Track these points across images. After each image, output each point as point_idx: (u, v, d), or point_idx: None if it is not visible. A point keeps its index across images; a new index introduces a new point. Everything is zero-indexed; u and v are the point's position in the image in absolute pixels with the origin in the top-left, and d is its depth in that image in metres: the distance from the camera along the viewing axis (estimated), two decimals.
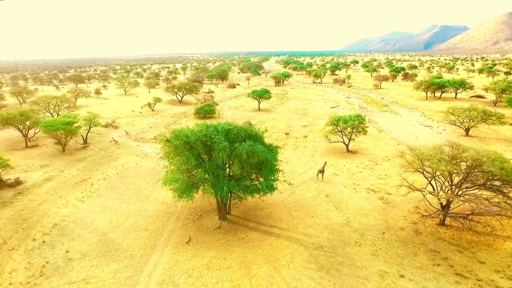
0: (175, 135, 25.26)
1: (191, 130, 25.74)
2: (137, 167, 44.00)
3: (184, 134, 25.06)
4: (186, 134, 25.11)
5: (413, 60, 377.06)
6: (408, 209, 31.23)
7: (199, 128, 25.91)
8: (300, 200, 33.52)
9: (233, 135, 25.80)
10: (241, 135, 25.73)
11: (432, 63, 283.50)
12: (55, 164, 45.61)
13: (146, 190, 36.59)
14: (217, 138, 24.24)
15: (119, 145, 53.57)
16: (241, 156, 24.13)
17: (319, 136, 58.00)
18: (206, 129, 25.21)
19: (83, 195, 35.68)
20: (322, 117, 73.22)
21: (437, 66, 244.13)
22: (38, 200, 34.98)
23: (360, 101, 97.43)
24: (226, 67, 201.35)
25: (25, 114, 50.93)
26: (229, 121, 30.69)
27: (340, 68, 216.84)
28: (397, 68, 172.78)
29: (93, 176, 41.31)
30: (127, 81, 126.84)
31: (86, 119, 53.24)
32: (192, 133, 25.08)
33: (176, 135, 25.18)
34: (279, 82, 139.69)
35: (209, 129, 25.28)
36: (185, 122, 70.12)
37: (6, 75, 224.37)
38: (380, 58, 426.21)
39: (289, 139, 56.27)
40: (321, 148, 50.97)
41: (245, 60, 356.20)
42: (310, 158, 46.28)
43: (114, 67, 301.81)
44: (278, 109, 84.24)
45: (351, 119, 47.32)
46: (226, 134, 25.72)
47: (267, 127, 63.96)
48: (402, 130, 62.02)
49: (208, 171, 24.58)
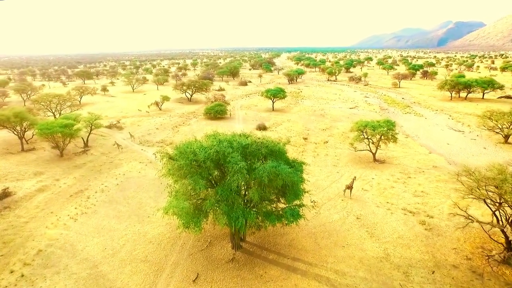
0: (179, 151, 20.43)
1: (200, 145, 20.86)
2: (139, 176, 39.42)
3: (190, 151, 20.23)
4: (193, 150, 20.25)
5: (428, 57, 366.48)
6: (458, 238, 25.99)
7: (210, 142, 21.06)
8: (327, 224, 28.51)
9: (252, 152, 20.87)
10: (261, 152, 20.77)
11: (448, 60, 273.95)
12: (51, 171, 41.33)
13: (148, 207, 31.96)
14: (231, 157, 19.36)
15: (122, 149, 49.12)
16: (261, 179, 19.22)
17: (341, 141, 52.77)
18: (218, 144, 20.30)
19: (76, 212, 31.22)
20: (341, 119, 67.87)
21: (455, 63, 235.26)
22: (26, 216, 30.64)
23: (379, 101, 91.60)
24: (237, 64, 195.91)
25: (20, 115, 46.72)
26: (245, 132, 25.78)
27: (355, 65, 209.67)
28: (415, 66, 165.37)
29: (90, 187, 36.86)
30: (135, 77, 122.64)
31: (87, 121, 48.85)
32: (201, 149, 20.22)
33: (181, 151, 20.34)
34: (292, 80, 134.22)
35: (222, 144, 20.38)
36: (194, 123, 65.52)
37: (16, 71, 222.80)
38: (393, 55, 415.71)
39: (307, 144, 51.13)
40: (344, 156, 45.77)
41: (256, 56, 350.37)
42: (333, 169, 41.14)
43: (124, 63, 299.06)
44: (293, 109, 78.99)
45: (380, 125, 41.98)
46: (243, 150, 20.82)
47: (283, 130, 58.88)
48: (431, 135, 56.37)
49: (220, 197, 19.70)
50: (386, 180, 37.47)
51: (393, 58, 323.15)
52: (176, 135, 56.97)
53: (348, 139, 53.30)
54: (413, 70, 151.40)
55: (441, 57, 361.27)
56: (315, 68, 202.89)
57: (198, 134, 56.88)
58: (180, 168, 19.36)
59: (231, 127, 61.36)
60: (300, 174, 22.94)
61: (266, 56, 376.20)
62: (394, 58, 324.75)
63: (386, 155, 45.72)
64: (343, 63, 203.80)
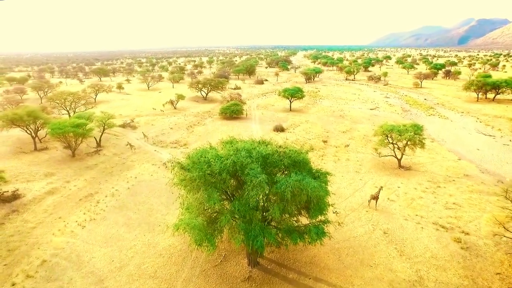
0: (192, 161, 18.40)
1: (215, 154, 18.78)
2: (151, 180, 37.79)
3: (204, 160, 18.19)
4: (207, 160, 18.21)
5: (449, 56, 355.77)
6: (501, 261, 23.23)
7: (226, 150, 18.99)
8: (351, 239, 26.14)
9: (273, 162, 18.71)
10: (283, 163, 18.58)
11: (471, 59, 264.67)
12: (62, 172, 40.16)
13: (159, 214, 30.22)
14: (250, 169, 17.27)
15: (134, 150, 47.71)
16: (283, 194, 17.07)
17: (362, 145, 50.05)
18: (236, 154, 18.21)
19: (85, 217, 29.74)
20: (361, 121, 64.95)
21: (478, 62, 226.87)
22: (33, 221, 29.35)
23: (401, 102, 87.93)
24: (253, 62, 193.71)
25: (33, 114, 45.83)
26: (265, 138, 23.61)
27: (373, 64, 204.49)
28: (437, 65, 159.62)
29: (101, 190, 35.42)
30: (150, 75, 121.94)
31: (100, 120, 47.60)
32: (216, 159, 18.17)
33: (194, 161, 18.32)
34: (310, 79, 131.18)
35: (239, 154, 18.28)
36: (209, 123, 63.74)
37: (36, 68, 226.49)
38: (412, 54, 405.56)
39: (327, 148, 48.63)
40: (366, 162, 43.12)
41: (272, 54, 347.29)
42: (356, 176, 38.60)
43: (140, 60, 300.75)
44: (311, 109, 76.36)
45: (407, 130, 39.16)
46: (263, 161, 18.68)
47: (302, 132, 56.48)
48: (459, 140, 53.01)
49: (238, 213, 17.64)
50: (413, 190, 34.74)
51: (412, 57, 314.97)
52: (190, 136, 55.31)
53: (370, 143, 50.63)
54: (434, 69, 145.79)
55: (462, 56, 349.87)
56: (332, 66, 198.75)
57: (213, 135, 55.16)
58: (193, 180, 17.37)
59: (247, 128, 59.36)
60: (325, 187, 20.68)
61: (282, 54, 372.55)
62: (414, 57, 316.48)
63: (411, 161, 42.86)
64: (362, 62, 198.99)
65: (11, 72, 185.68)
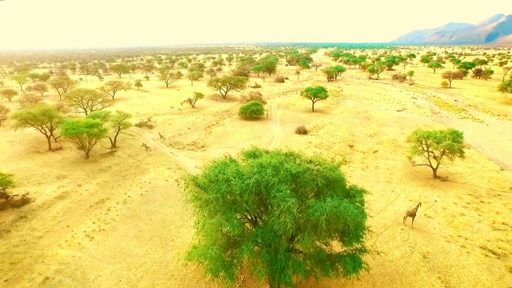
0: (209, 179, 15.74)
1: (235, 169, 16.04)
2: (166, 186, 35.54)
3: (223, 178, 15.49)
4: (226, 177, 15.51)
5: (476, 54, 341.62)
6: None
7: (249, 166, 16.24)
8: (387, 263, 22.99)
9: (304, 182, 15.83)
10: (316, 183, 15.67)
11: (501, 57, 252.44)
12: (74, 174, 38.46)
13: (173, 226, 27.85)
14: (277, 191, 14.49)
15: (150, 152, 45.71)
16: (317, 222, 14.23)
17: (391, 150, 46.44)
18: (260, 171, 15.43)
19: (94, 227, 27.69)
20: (389, 124, 61.04)
21: (510, 61, 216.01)
22: (41, 229, 27.53)
23: (429, 103, 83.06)
24: (273, 59, 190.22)
25: (48, 114, 44.44)
26: (292, 150, 20.66)
27: (397, 62, 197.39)
28: (467, 64, 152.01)
29: (112, 196, 33.40)
30: (169, 72, 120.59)
31: (115, 120, 45.78)
32: (237, 176, 15.45)
33: (211, 179, 15.65)
34: (332, 77, 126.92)
35: (265, 171, 15.49)
36: (228, 123, 61.22)
37: (59, 64, 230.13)
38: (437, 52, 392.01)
39: (354, 153, 45.26)
40: (397, 170, 39.60)
41: (293, 52, 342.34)
42: (387, 186, 35.22)
43: (160, 57, 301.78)
44: (334, 110, 72.78)
45: (445, 137, 35.40)
46: (293, 179, 15.85)
47: (325, 134, 53.21)
48: (498, 147, 48.60)
49: (261, 242, 14.91)
50: (453, 205, 31.14)
51: (437, 55, 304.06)
52: (208, 137, 52.95)
53: (400, 148, 47.02)
54: (464, 68, 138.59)
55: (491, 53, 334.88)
56: (354, 65, 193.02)
57: (232, 136, 52.66)
58: (209, 202, 14.73)
59: (268, 130, 56.53)
60: (362, 208, 17.71)
61: (303, 51, 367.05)
62: (439, 55, 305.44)
63: (447, 171, 39.07)
64: (385, 60, 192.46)
65: (35, 69, 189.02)
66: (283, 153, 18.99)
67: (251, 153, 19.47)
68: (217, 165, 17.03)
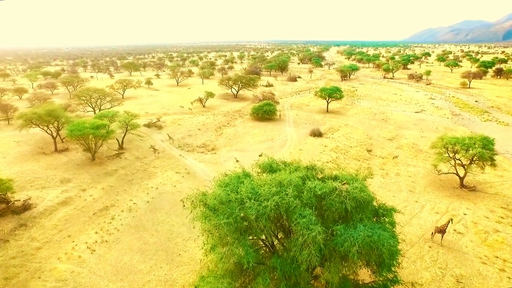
0: (219, 200, 13.57)
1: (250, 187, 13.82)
2: (174, 192, 33.58)
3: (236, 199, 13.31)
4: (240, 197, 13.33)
5: (494, 52, 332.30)
6: None
7: (267, 185, 13.95)
8: (417, 286, 20.56)
9: (331, 205, 13.53)
10: (345, 206, 13.36)
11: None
12: (79, 178, 36.83)
13: (180, 238, 25.85)
14: (300, 216, 12.27)
15: (158, 154, 43.91)
16: (346, 253, 11.97)
17: (412, 155, 43.70)
18: (279, 191, 13.20)
19: (96, 238, 25.88)
20: (407, 126, 58.09)
21: None
22: (40, 239, 25.85)
23: (449, 104, 79.55)
24: (285, 57, 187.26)
25: (53, 114, 42.92)
26: (314, 163, 18.29)
27: (412, 61, 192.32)
28: (486, 63, 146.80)
29: (117, 202, 31.61)
30: (180, 71, 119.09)
31: (122, 121, 44.08)
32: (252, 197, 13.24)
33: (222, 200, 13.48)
34: (345, 76, 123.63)
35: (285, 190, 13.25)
36: (240, 124, 59.09)
37: (71, 62, 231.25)
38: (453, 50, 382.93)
39: (372, 158, 42.67)
40: (420, 178, 36.92)
41: (305, 50, 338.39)
42: (410, 196, 32.63)
43: (171, 55, 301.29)
44: (349, 111, 70.02)
45: (474, 144, 32.58)
46: (317, 201, 13.59)
47: (342, 137, 50.66)
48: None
49: (280, 272, 12.70)
50: (484, 219, 28.44)
51: (453, 53, 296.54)
52: (219, 139, 50.93)
53: (421, 154, 44.28)
54: (483, 67, 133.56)
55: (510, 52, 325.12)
56: (368, 63, 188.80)
57: (243, 138, 50.56)
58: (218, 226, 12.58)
59: (281, 131, 54.21)
60: (392, 231, 15.38)
61: (315, 49, 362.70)
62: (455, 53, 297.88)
63: (475, 179, 36.24)
64: (400, 59, 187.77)
65: (48, 66, 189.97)
66: (303, 167, 16.72)
67: (267, 165, 17.25)
68: (229, 181, 14.84)
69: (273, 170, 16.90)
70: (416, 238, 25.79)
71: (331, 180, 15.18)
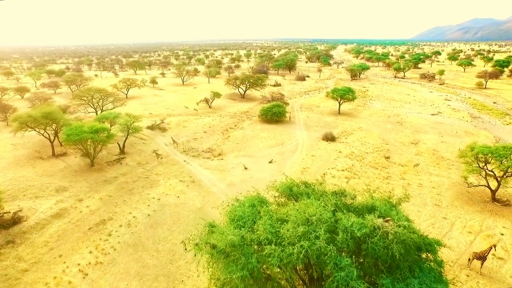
0: (230, 243, 10.66)
1: (269, 224, 10.91)
2: (177, 204, 30.81)
3: (252, 239, 10.44)
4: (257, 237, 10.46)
5: (506, 50, 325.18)
6: None
7: (291, 224, 11.00)
8: None
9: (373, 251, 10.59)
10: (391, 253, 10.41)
11: None
12: (76, 186, 34.24)
13: (183, 261, 23.06)
14: (336, 267, 9.40)
15: (161, 160, 41.20)
16: None
17: (434, 163, 40.49)
18: (307, 233, 10.29)
19: (90, 258, 23.19)
20: (425, 130, 54.76)
21: None
22: (28, 260, 23.22)
23: (466, 105, 75.87)
24: (293, 56, 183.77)
25: (50, 116, 40.36)
26: (344, 189, 15.29)
27: (423, 60, 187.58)
28: (502, 62, 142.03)
29: (116, 215, 28.93)
30: (185, 69, 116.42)
31: (123, 124, 41.43)
32: (273, 239, 10.36)
33: (234, 242, 10.59)
34: (355, 76, 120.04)
35: (314, 231, 10.34)
36: (248, 127, 56.18)
37: (76, 60, 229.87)
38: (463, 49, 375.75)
39: (391, 166, 39.53)
40: (445, 189, 33.73)
41: (312, 48, 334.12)
42: (436, 211, 29.50)
43: (177, 53, 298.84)
44: (362, 113, 66.77)
45: (510, 155, 29.31)
46: (356, 245, 10.67)
47: (356, 142, 47.54)
48: None
49: None
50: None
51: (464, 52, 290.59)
52: (226, 143, 48.10)
53: (443, 161, 41.06)
54: (499, 67, 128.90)
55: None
56: (378, 62, 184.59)
57: (252, 142, 47.70)
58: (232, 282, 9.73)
59: (291, 135, 51.23)
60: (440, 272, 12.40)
61: (322, 48, 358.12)
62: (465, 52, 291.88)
63: (507, 192, 32.98)
64: (411, 58, 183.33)
65: (53, 64, 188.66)
66: (330, 193, 13.78)
67: (286, 188, 14.36)
68: (243, 213, 11.95)
69: (293, 194, 13.99)
70: (449, 261, 22.72)
71: (367, 211, 12.24)
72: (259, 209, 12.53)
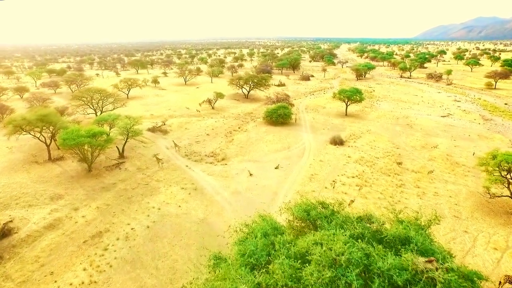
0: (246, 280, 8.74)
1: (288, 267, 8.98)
2: (179, 215, 28.92)
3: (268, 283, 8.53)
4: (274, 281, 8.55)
5: None
6: None
7: (315, 267, 9.07)
8: None
9: None
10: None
11: None
12: (72, 194, 32.42)
13: (184, 280, 21.14)
14: None
15: (162, 165, 39.34)
16: None
17: (449, 169, 38.42)
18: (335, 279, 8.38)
19: (84, 277, 21.35)
20: (436, 133, 52.62)
21: None
22: (16, 278, 21.42)
23: (476, 107, 73.54)
24: (296, 55, 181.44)
25: (46, 119, 38.53)
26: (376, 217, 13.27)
27: (429, 59, 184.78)
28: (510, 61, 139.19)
29: (113, 226, 27.08)
30: (187, 69, 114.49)
31: (123, 127, 39.59)
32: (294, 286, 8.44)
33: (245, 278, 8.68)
34: (361, 75, 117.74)
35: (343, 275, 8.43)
36: (252, 129, 54.22)
37: (78, 58, 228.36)
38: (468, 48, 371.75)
39: (404, 172, 37.48)
40: (463, 199, 31.68)
41: (315, 47, 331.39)
42: (456, 224, 27.47)
43: (180, 52, 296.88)
44: (370, 115, 64.65)
45: None
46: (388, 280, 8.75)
47: (366, 146, 45.51)
48: None
49: None
50: None
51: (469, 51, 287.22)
52: (230, 146, 46.19)
53: (458, 167, 39.00)
54: (508, 66, 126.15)
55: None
56: (383, 62, 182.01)
57: (256, 145, 45.77)
58: None
59: (298, 138, 49.23)
60: None
61: (325, 46, 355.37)
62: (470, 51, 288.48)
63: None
64: (416, 57, 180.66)
65: (55, 63, 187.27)
66: (354, 218, 11.84)
67: (302, 211, 12.42)
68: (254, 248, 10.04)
69: (311, 219, 12.04)
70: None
71: (400, 242, 10.26)
72: (272, 239, 10.63)
